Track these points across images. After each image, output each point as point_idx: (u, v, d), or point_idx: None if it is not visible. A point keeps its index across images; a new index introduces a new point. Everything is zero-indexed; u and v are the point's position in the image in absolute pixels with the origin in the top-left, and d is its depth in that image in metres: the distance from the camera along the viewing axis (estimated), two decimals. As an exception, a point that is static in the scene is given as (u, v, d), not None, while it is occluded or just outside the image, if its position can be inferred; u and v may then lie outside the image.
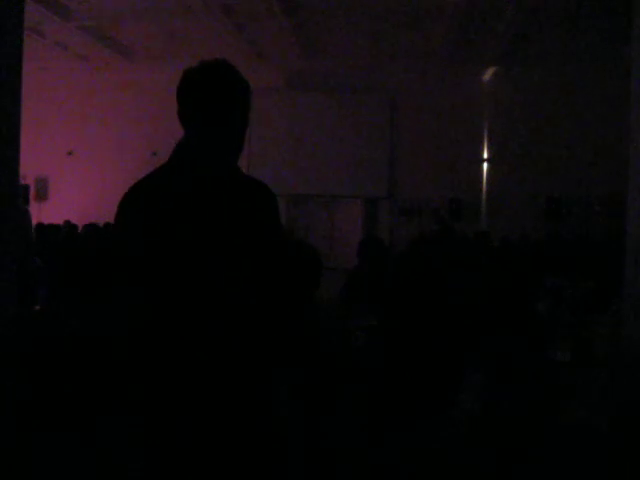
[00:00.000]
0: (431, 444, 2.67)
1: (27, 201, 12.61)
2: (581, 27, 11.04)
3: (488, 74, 13.53)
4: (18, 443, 2.27)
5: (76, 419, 2.25)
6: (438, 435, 2.72)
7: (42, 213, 12.88)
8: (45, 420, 2.25)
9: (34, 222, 9.47)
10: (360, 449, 2.58)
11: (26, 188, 12.62)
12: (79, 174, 13.97)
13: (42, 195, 14.12)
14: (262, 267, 1.66)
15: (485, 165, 13.71)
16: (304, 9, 10.80)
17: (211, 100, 1.69)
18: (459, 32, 11.18)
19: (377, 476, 2.61)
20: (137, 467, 1.67)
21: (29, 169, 11.79)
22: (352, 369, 2.70)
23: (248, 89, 1.75)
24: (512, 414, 3.16)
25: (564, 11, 10.23)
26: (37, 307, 3.75)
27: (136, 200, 1.69)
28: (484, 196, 13.64)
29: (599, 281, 6.51)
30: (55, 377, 2.30)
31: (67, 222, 10.61)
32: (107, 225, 8.71)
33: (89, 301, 2.49)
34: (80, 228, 9.40)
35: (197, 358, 1.61)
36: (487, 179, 13.68)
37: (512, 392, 3.18)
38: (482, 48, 12.40)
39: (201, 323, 1.61)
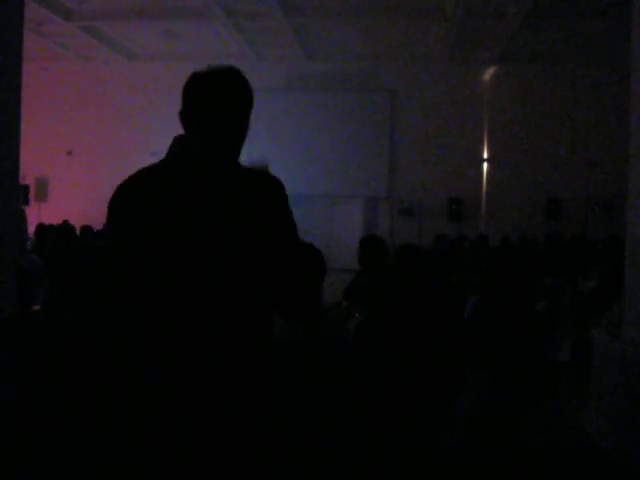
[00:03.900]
0: (431, 444, 2.67)
1: (27, 201, 12.60)
2: (581, 27, 11.05)
3: (488, 74, 13.53)
4: (18, 443, 2.27)
5: (76, 419, 2.24)
6: (438, 435, 2.72)
7: (42, 213, 12.88)
8: (45, 420, 2.25)
9: (34, 222, 9.48)
10: (360, 449, 2.58)
11: (26, 188, 12.60)
12: (79, 174, 13.97)
13: (42, 195, 14.12)
14: (266, 261, 1.63)
15: (485, 165, 13.71)
16: (304, 9, 10.80)
17: (217, 105, 1.72)
18: (459, 32, 11.19)
19: (377, 476, 2.61)
20: (137, 467, 1.67)
21: (29, 169, 11.78)
22: (352, 369, 2.70)
23: (252, 94, 1.79)
24: (512, 414, 3.17)
25: (564, 11, 10.23)
26: (37, 307, 3.75)
27: (131, 193, 1.69)
28: (484, 196, 13.64)
29: (599, 281, 6.51)
30: (55, 377, 2.30)
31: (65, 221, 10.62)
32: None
33: (86, 300, 2.49)
34: (78, 230, 9.40)
35: (196, 358, 1.60)
36: (487, 179, 13.68)
37: (512, 392, 3.18)
38: (482, 48, 12.41)
39: (199, 322, 1.61)
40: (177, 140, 1.73)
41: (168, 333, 1.61)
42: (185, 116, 1.75)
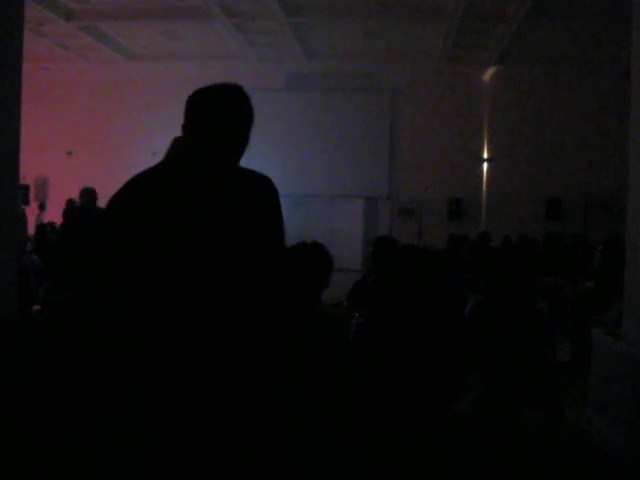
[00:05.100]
0: (431, 444, 2.67)
1: (27, 201, 12.59)
2: (581, 28, 11.04)
3: (488, 74, 13.53)
4: (19, 443, 2.27)
5: (76, 419, 2.25)
6: (438, 435, 2.72)
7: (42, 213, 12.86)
8: (45, 420, 2.25)
9: (34, 222, 9.47)
10: (360, 449, 2.58)
11: (26, 188, 12.60)
12: (79, 174, 13.95)
13: (42, 195, 14.11)
14: (257, 262, 1.65)
15: (485, 165, 13.70)
16: (304, 9, 10.79)
17: (219, 121, 1.77)
18: (459, 32, 11.18)
19: (377, 476, 2.61)
20: (137, 466, 1.67)
21: (29, 169, 11.77)
22: (353, 369, 2.70)
23: (253, 111, 1.85)
24: (512, 414, 3.17)
25: (564, 11, 10.22)
26: (37, 307, 3.76)
27: (129, 194, 1.72)
28: (484, 196, 13.64)
29: (597, 281, 6.51)
30: (55, 377, 2.30)
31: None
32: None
33: (83, 299, 2.49)
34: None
35: (193, 359, 1.61)
36: (487, 179, 13.68)
37: (512, 392, 3.18)
38: (482, 48, 12.40)
39: (196, 317, 1.62)
40: (175, 142, 1.76)
41: (165, 330, 1.62)
42: (187, 131, 1.79)
